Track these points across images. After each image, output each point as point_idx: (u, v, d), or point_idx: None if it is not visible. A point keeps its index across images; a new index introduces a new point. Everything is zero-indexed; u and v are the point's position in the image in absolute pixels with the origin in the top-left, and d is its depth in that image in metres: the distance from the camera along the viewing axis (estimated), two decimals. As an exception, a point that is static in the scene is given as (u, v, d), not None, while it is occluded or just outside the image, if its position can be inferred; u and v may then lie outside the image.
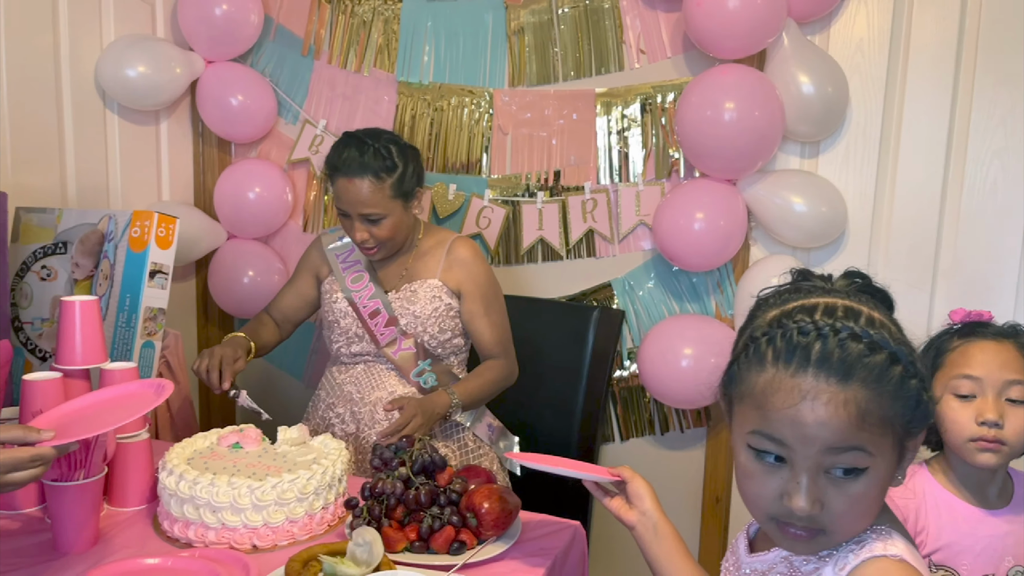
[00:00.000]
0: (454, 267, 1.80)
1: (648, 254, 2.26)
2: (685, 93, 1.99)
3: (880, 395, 0.77)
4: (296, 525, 1.28)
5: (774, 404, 0.79)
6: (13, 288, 1.83)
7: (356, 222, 1.71)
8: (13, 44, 2.02)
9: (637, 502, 1.13)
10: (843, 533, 0.81)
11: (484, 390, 1.80)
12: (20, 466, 0.97)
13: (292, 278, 1.95)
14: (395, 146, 1.73)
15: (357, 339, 1.78)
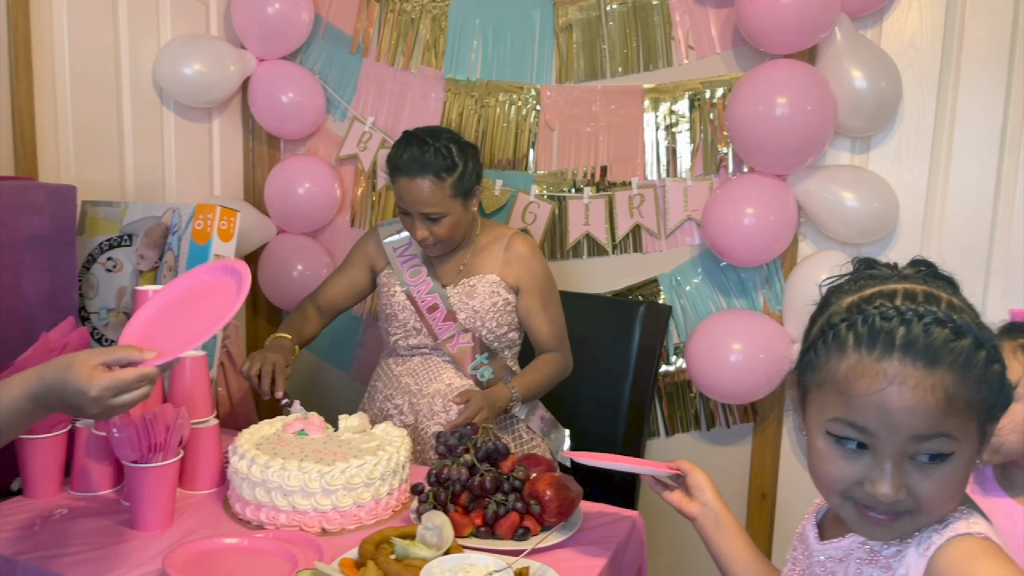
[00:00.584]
0: (512, 263, 1.82)
1: (695, 249, 2.27)
2: (736, 88, 2.00)
3: (966, 380, 0.77)
4: (363, 510, 1.31)
5: (858, 390, 0.78)
6: (80, 279, 1.88)
7: (417, 221, 1.74)
8: (76, 44, 2.08)
9: (698, 494, 1.14)
10: (930, 516, 0.81)
11: (542, 383, 1.82)
12: (127, 388, 0.97)
13: (343, 267, 1.96)
14: (455, 145, 1.75)
15: (415, 332, 1.81)
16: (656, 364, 2.27)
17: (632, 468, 1.20)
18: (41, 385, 0.96)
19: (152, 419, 1.24)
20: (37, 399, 0.96)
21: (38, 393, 0.96)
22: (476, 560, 1.10)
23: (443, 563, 1.09)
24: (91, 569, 1.15)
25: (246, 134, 2.62)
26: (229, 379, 1.85)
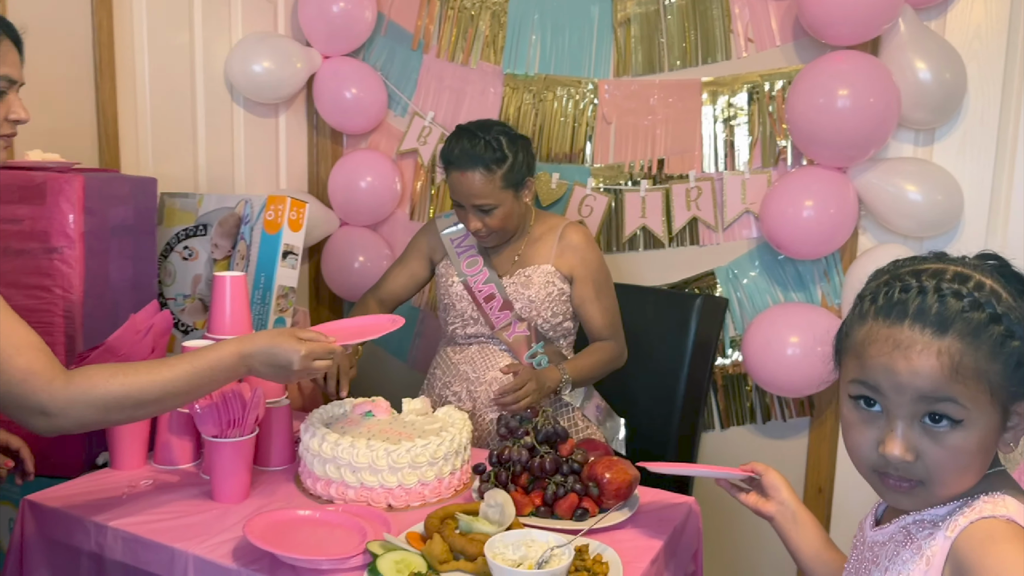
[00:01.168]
0: (566, 253, 1.85)
1: (753, 242, 2.27)
2: (797, 80, 2.00)
3: (976, 349, 0.79)
4: (427, 488, 1.37)
5: (870, 353, 0.83)
6: (158, 267, 1.98)
7: (470, 213, 1.79)
8: (154, 46, 2.18)
9: (774, 493, 1.16)
10: (942, 486, 0.83)
11: (594, 369, 1.85)
12: (323, 355, 1.23)
13: (403, 259, 2.02)
14: (505, 137, 1.79)
15: (472, 321, 1.86)
16: (712, 357, 2.28)
17: (707, 473, 1.23)
18: (253, 347, 1.20)
19: (231, 397, 1.31)
20: (246, 358, 1.20)
21: (248, 353, 1.20)
22: (537, 536, 1.14)
23: (506, 538, 1.13)
24: (175, 535, 1.22)
25: (311, 129, 2.71)
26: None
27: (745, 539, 2.33)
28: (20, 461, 1.40)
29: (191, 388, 1.16)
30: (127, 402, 1.11)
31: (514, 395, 1.69)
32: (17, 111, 1.15)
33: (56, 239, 1.56)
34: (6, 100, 1.14)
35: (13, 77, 1.13)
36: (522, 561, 1.09)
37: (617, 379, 2.19)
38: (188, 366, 1.16)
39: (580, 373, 1.82)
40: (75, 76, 1.97)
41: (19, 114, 1.16)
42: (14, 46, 1.14)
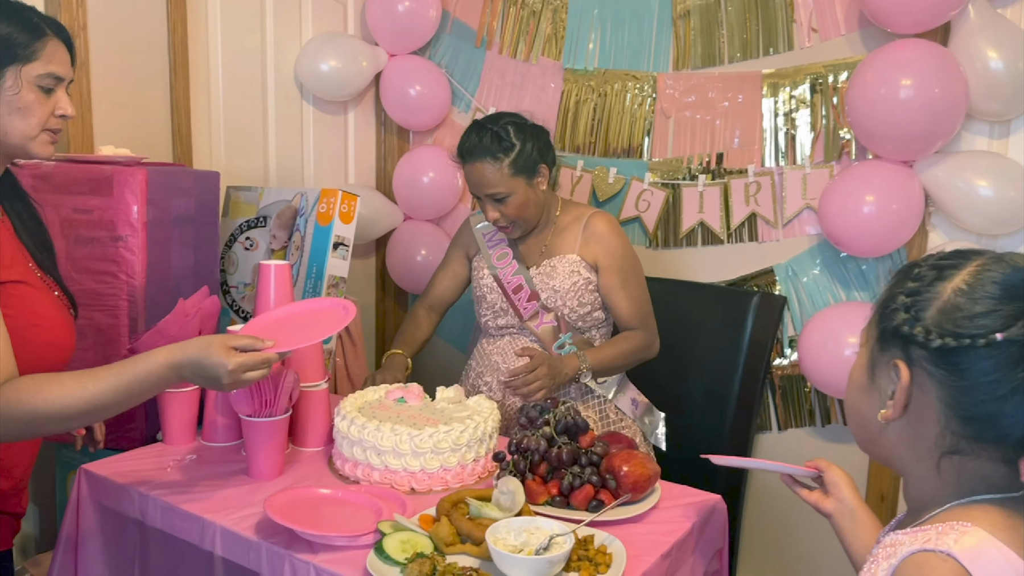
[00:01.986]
0: (591, 241, 1.85)
1: (814, 239, 2.19)
2: (858, 70, 1.92)
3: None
4: (449, 473, 1.40)
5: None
6: (223, 257, 2.09)
7: (487, 203, 1.82)
8: (227, 46, 2.30)
9: (834, 490, 1.13)
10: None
11: (617, 359, 1.84)
12: (254, 367, 1.19)
13: (444, 262, 2.06)
14: (513, 126, 1.81)
15: (502, 313, 1.88)
16: (768, 357, 2.22)
17: (769, 467, 1.21)
18: (184, 357, 1.17)
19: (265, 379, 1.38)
20: (177, 368, 1.17)
21: (179, 364, 1.17)
22: (542, 524, 1.15)
23: (510, 523, 1.15)
24: (207, 506, 1.30)
25: (378, 126, 2.79)
26: (346, 351, 1.99)
27: (797, 541, 2.26)
28: (91, 430, 1.51)
29: (119, 400, 1.14)
30: (52, 416, 1.10)
31: (523, 379, 1.70)
32: (64, 107, 1.24)
33: (121, 228, 1.67)
34: (54, 96, 1.22)
35: (60, 74, 1.22)
36: (523, 547, 1.11)
37: (668, 375, 2.17)
38: (114, 379, 1.13)
39: (601, 361, 1.81)
40: (151, 76, 2.10)
41: (65, 110, 1.24)
42: (63, 45, 1.23)
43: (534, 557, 1.07)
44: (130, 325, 1.69)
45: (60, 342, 1.26)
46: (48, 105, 1.22)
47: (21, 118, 1.19)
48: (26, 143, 1.22)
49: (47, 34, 1.20)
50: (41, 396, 1.10)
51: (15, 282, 1.19)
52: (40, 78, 1.19)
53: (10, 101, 1.18)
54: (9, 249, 1.20)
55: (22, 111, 1.19)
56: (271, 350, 1.22)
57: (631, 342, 1.86)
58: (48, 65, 1.20)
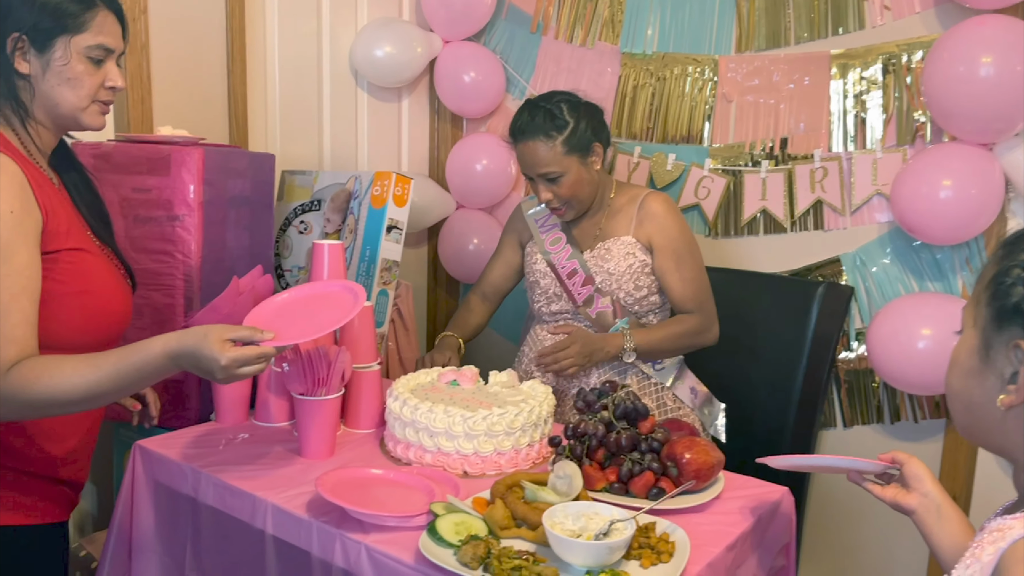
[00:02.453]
0: (645, 222, 1.79)
1: (884, 227, 2.10)
2: (934, 48, 1.82)
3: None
4: (503, 457, 1.36)
5: None
6: (277, 240, 2.09)
7: (539, 183, 1.77)
8: (284, 32, 2.30)
9: (916, 484, 1.06)
10: None
11: (666, 341, 1.77)
12: (248, 362, 1.13)
13: (497, 250, 2.03)
14: (567, 104, 1.76)
15: (556, 298, 1.84)
16: (833, 350, 2.13)
17: (836, 463, 1.13)
18: (180, 347, 1.12)
19: (318, 356, 1.36)
20: (174, 358, 1.12)
21: (176, 353, 1.12)
22: (601, 509, 1.11)
23: (567, 508, 1.10)
24: (258, 484, 1.28)
25: (432, 113, 2.77)
26: (398, 335, 1.97)
27: (864, 538, 2.17)
28: (146, 406, 1.52)
29: (118, 388, 1.12)
30: (53, 402, 1.09)
31: (553, 355, 1.65)
32: (114, 78, 1.23)
33: (178, 207, 1.67)
34: (104, 68, 1.22)
35: (110, 46, 1.21)
36: (581, 532, 1.06)
37: (728, 367, 2.10)
38: (112, 368, 1.10)
39: (648, 343, 1.74)
40: (209, 60, 2.11)
41: (116, 81, 1.23)
42: (114, 16, 1.23)
43: (594, 542, 1.02)
44: (185, 304, 1.69)
45: (115, 309, 1.26)
46: (98, 76, 1.21)
47: (71, 89, 1.19)
48: (77, 114, 1.22)
49: (97, 5, 1.20)
50: (43, 381, 1.07)
51: (72, 249, 1.19)
52: (89, 49, 1.19)
53: (60, 72, 1.18)
54: (66, 217, 1.20)
55: (71, 82, 1.19)
56: (270, 343, 1.15)
57: (683, 325, 1.79)
58: (98, 36, 1.19)
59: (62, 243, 1.18)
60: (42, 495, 1.25)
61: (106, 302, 1.23)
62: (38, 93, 1.19)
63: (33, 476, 1.23)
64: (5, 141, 1.16)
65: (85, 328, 1.20)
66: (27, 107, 1.19)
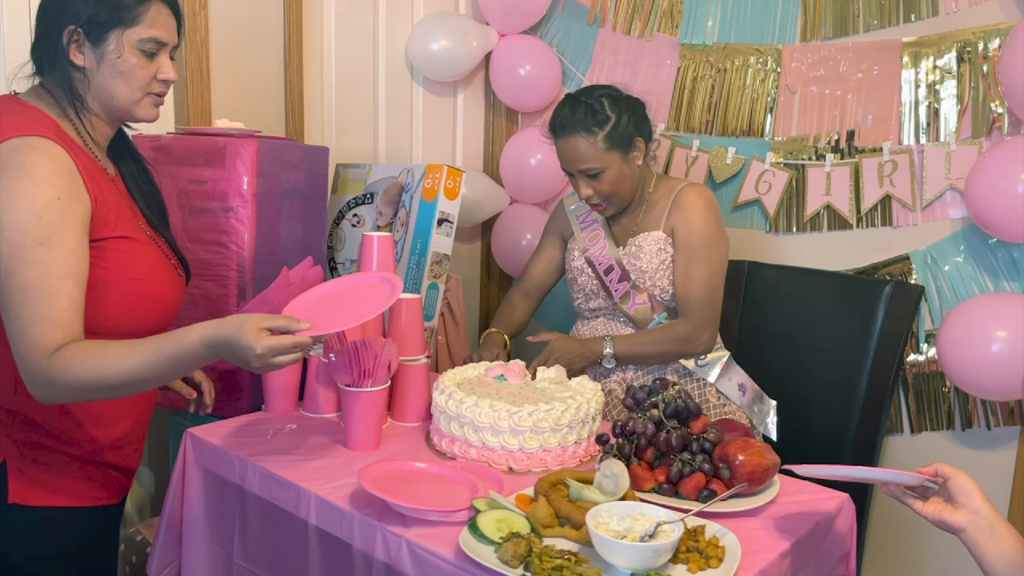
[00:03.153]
0: (673, 214, 1.75)
1: (958, 223, 1.99)
2: (1013, 35, 1.72)
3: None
4: (549, 454, 1.33)
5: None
6: (331, 233, 2.10)
7: (579, 179, 1.74)
8: (340, 26, 2.32)
9: (965, 500, 0.99)
10: None
11: (648, 346, 1.73)
12: (284, 351, 1.12)
13: (539, 247, 2.00)
14: (608, 99, 1.71)
15: (594, 295, 1.81)
16: (901, 352, 2.03)
17: (873, 475, 1.07)
18: (216, 336, 1.11)
19: (364, 347, 1.36)
20: (211, 346, 1.12)
21: (212, 342, 1.12)
22: (647, 511, 1.07)
23: (612, 508, 1.07)
24: (304, 475, 1.28)
25: (487, 107, 2.75)
26: (448, 329, 1.95)
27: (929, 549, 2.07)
28: (201, 394, 1.54)
29: (157, 375, 1.12)
30: (94, 386, 1.09)
31: (538, 361, 1.66)
32: (166, 71, 1.24)
33: (232, 199, 1.69)
34: (156, 60, 1.23)
35: (163, 39, 1.22)
36: (626, 533, 1.02)
37: (791, 369, 2.03)
38: (151, 355, 1.11)
39: (630, 348, 1.72)
40: (267, 55, 2.14)
41: (168, 74, 1.24)
42: (168, 10, 1.23)
43: (639, 544, 0.99)
44: (238, 295, 1.71)
45: (163, 297, 1.27)
46: (150, 69, 1.22)
47: (124, 82, 1.20)
48: (130, 106, 1.23)
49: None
50: (85, 365, 1.08)
51: (120, 238, 1.21)
52: (142, 42, 1.20)
53: (113, 64, 1.19)
54: (116, 206, 1.22)
55: (124, 75, 1.20)
56: (307, 333, 1.14)
57: (667, 331, 1.74)
58: (151, 29, 1.20)
59: (111, 231, 1.19)
60: (91, 479, 1.27)
61: (153, 290, 1.25)
62: (93, 85, 1.21)
63: (82, 460, 1.26)
64: (60, 131, 1.18)
65: (131, 315, 1.21)
66: (83, 98, 1.21)
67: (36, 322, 1.08)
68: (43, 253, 1.09)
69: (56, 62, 1.20)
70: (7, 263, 1.08)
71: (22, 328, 1.09)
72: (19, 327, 1.09)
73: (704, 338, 1.74)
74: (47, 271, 1.09)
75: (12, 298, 1.09)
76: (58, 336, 1.09)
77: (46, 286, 1.09)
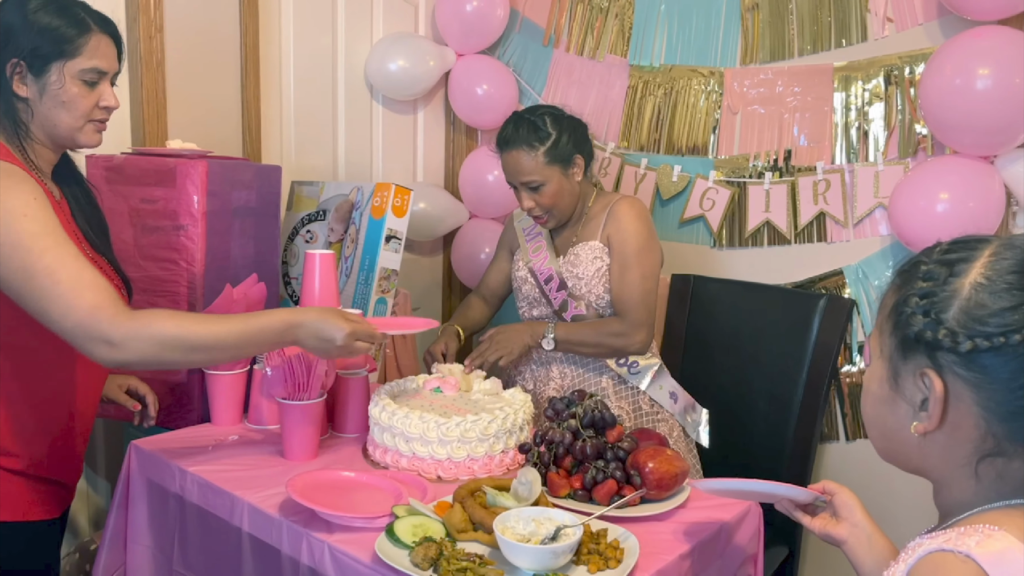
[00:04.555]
0: (609, 224, 1.84)
1: (887, 240, 2.08)
2: (931, 61, 1.81)
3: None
4: (476, 463, 1.39)
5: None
6: (285, 249, 2.16)
7: (522, 191, 1.84)
8: (299, 46, 2.38)
9: (847, 514, 1.06)
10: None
11: (586, 336, 1.80)
12: (365, 338, 1.31)
13: (494, 258, 2.13)
14: (550, 117, 1.82)
15: (536, 303, 1.90)
16: (835, 362, 2.12)
17: (766, 488, 1.14)
18: (301, 319, 1.27)
19: (298, 363, 1.42)
20: (293, 327, 1.27)
21: (297, 323, 1.27)
22: (554, 515, 1.13)
23: (521, 512, 1.13)
24: (239, 485, 1.34)
25: (447, 125, 2.83)
26: (396, 342, 2.02)
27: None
28: (146, 406, 1.59)
29: (239, 345, 1.24)
30: (180, 344, 1.18)
31: (478, 352, 1.74)
32: (108, 99, 1.30)
33: (183, 218, 1.75)
34: (97, 89, 1.29)
35: (103, 68, 1.28)
36: (530, 537, 1.09)
37: (732, 379, 2.10)
38: (240, 325, 1.24)
39: (568, 334, 1.80)
40: (223, 75, 2.20)
41: (109, 102, 1.31)
42: (109, 39, 1.30)
43: (539, 546, 1.05)
44: (188, 310, 1.76)
45: None
46: (91, 98, 1.28)
47: (66, 111, 1.27)
48: (73, 134, 1.29)
49: (91, 29, 1.27)
50: (174, 323, 1.19)
51: None
52: (83, 72, 1.26)
53: (55, 95, 1.25)
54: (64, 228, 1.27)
55: (66, 105, 1.26)
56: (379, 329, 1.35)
57: (605, 325, 1.81)
58: (91, 60, 1.26)
59: None
60: (29, 493, 1.31)
61: None
62: (36, 115, 1.26)
63: (19, 474, 1.30)
64: (11, 156, 1.24)
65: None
66: (27, 127, 1.27)
67: (81, 292, 1.15)
68: (45, 240, 1.16)
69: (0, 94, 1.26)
70: (19, 265, 1.14)
71: (69, 303, 1.14)
72: (64, 306, 1.14)
73: (638, 337, 1.80)
74: (60, 252, 1.16)
75: (43, 290, 1.14)
76: (110, 296, 1.17)
77: (67, 263, 1.16)
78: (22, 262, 1.14)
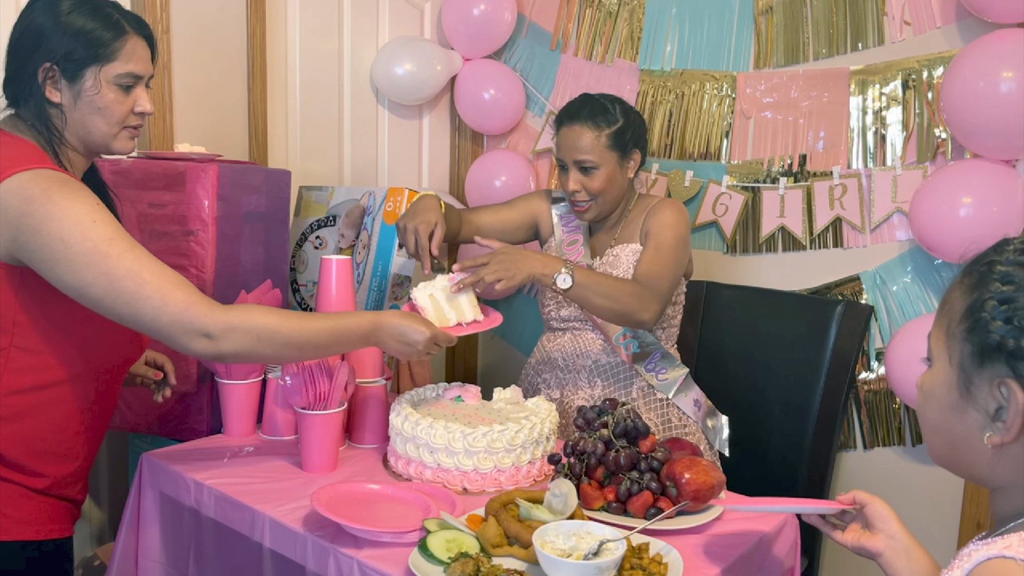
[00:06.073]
0: (648, 220, 1.76)
1: (905, 245, 2.06)
2: (953, 64, 1.79)
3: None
4: (503, 475, 1.35)
5: None
6: (293, 255, 2.12)
7: (572, 171, 1.74)
8: (305, 49, 2.34)
9: (881, 525, 1.02)
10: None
11: (606, 287, 1.59)
12: (442, 342, 1.36)
13: (505, 204, 1.91)
14: (620, 105, 1.76)
15: (566, 303, 1.81)
16: (852, 370, 2.09)
17: (792, 508, 1.10)
18: (386, 321, 1.31)
19: (319, 372, 1.37)
20: (378, 328, 1.30)
21: (382, 324, 1.30)
22: (594, 529, 1.09)
23: (560, 527, 1.09)
24: (259, 498, 1.29)
25: (453, 130, 2.79)
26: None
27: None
28: (166, 374, 1.54)
29: (329, 342, 1.26)
30: (277, 338, 1.19)
31: (473, 260, 1.52)
32: (143, 104, 1.25)
33: (193, 223, 1.71)
34: (133, 94, 1.24)
35: (139, 72, 1.23)
36: (571, 552, 1.05)
37: (744, 385, 2.07)
38: (331, 322, 1.27)
39: (587, 279, 1.57)
40: (230, 80, 2.16)
41: (144, 107, 1.25)
42: (144, 42, 1.25)
43: (582, 562, 1.01)
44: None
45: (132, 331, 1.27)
46: (127, 103, 1.24)
47: (101, 117, 1.22)
48: (108, 140, 1.24)
49: (127, 32, 1.21)
50: (272, 317, 1.20)
51: None
52: (119, 77, 1.21)
53: (91, 101, 1.20)
54: None
55: (102, 111, 1.21)
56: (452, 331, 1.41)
57: (627, 284, 1.65)
58: (127, 64, 1.21)
59: None
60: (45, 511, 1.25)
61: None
62: (70, 121, 1.21)
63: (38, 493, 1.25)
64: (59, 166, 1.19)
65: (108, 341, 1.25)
66: (60, 134, 1.22)
67: (170, 289, 1.14)
68: (120, 243, 1.14)
69: (31, 99, 1.20)
70: (100, 271, 1.12)
71: (163, 301, 1.14)
72: (158, 304, 1.13)
73: (653, 306, 1.63)
74: (137, 253, 1.15)
75: (130, 292, 1.13)
76: (197, 291, 1.17)
77: (146, 263, 1.15)
78: (102, 268, 1.12)
